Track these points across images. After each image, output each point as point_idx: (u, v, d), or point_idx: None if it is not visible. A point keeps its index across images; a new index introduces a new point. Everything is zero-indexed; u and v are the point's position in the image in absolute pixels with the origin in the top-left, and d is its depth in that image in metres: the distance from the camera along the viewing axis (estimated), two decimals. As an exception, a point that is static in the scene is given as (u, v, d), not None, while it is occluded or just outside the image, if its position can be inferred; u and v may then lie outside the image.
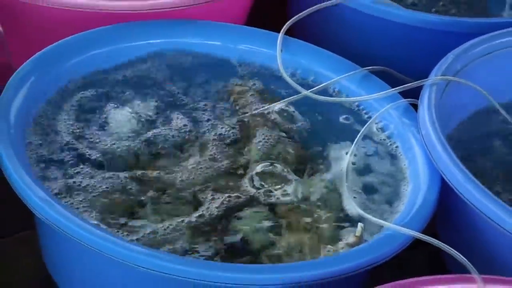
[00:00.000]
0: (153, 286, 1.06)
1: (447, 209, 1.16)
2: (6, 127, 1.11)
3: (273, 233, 1.12)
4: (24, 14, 1.29)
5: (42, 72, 1.22)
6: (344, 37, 1.40)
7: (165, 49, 1.33)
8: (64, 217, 1.02)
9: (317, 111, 1.29)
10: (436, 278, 1.00)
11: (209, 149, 1.22)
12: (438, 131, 1.15)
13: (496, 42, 1.32)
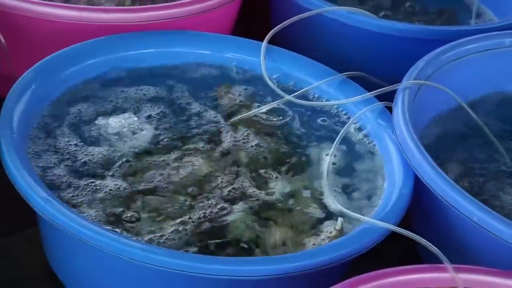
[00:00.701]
0: (148, 280, 1.05)
1: (420, 203, 1.16)
2: (9, 133, 1.11)
3: (259, 229, 1.12)
4: (25, 26, 1.29)
5: (42, 80, 1.21)
6: (323, 45, 1.40)
7: (156, 58, 1.32)
8: (63, 214, 1.02)
9: (299, 114, 1.29)
10: (410, 268, 1.00)
11: (199, 151, 1.22)
12: (411, 131, 1.16)
13: (464, 48, 1.33)
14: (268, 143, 1.25)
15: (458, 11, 1.64)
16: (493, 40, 1.35)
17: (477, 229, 1.06)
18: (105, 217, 1.10)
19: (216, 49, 1.34)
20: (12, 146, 1.09)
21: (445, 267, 1.00)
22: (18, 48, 1.26)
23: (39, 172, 1.12)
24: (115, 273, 1.07)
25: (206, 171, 1.19)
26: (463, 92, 1.29)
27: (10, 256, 1.20)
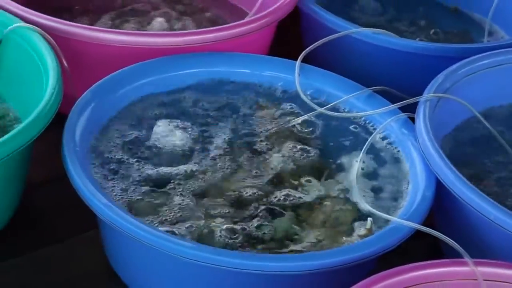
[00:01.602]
0: (196, 275, 1.05)
1: (441, 204, 1.16)
2: (72, 146, 1.11)
3: (298, 228, 1.12)
4: (85, 51, 1.30)
5: (100, 99, 1.22)
6: (350, 62, 1.40)
7: (202, 76, 1.32)
8: (121, 218, 1.02)
9: (331, 125, 1.29)
10: (433, 263, 0.99)
11: (242, 159, 1.22)
12: (432, 139, 1.15)
13: (478, 64, 1.32)
14: (303, 151, 1.25)
15: (472, 29, 1.63)
16: (504, 56, 1.35)
17: (494, 226, 1.06)
18: (158, 219, 1.11)
19: (255, 68, 1.34)
20: (76, 158, 1.09)
21: (466, 262, 0.99)
22: (78, 70, 1.26)
23: (100, 179, 1.13)
24: (167, 269, 1.07)
25: (248, 178, 1.20)
26: (478, 104, 1.29)
27: (75, 256, 1.20)
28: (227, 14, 1.60)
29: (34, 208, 1.25)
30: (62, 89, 1.18)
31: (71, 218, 1.21)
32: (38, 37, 1.25)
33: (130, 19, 1.54)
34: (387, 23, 1.61)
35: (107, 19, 1.54)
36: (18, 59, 1.27)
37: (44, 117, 1.12)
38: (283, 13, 1.40)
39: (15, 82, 1.29)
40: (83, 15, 1.54)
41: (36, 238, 1.21)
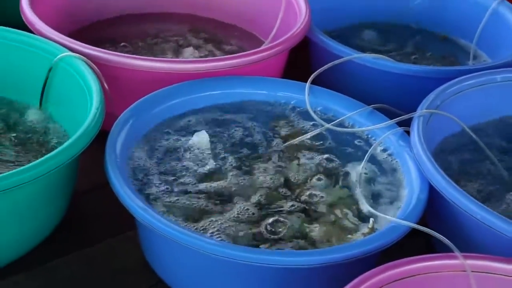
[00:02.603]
0: (222, 270, 1.06)
1: (434, 205, 1.15)
2: (114, 157, 1.12)
3: (310, 227, 1.13)
4: (123, 76, 1.31)
5: (137, 117, 1.22)
6: (353, 84, 1.40)
7: (225, 97, 1.33)
8: (155, 219, 1.03)
9: (337, 138, 1.29)
10: (426, 257, 0.99)
11: (264, 166, 1.23)
12: (425, 149, 1.15)
13: (464, 84, 1.32)
14: (314, 159, 1.25)
15: (459, 54, 1.63)
16: (487, 77, 1.34)
17: (480, 224, 1.06)
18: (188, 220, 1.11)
19: (271, 89, 1.34)
20: (116, 168, 1.10)
21: (455, 255, 0.99)
22: (117, 93, 1.27)
23: (138, 186, 1.14)
24: (195, 263, 1.07)
25: (269, 182, 1.20)
26: (465, 119, 1.28)
27: (116, 253, 1.21)
28: (246, 42, 1.60)
29: (81, 212, 1.26)
30: (104, 109, 1.18)
31: (113, 221, 1.21)
32: (83, 64, 1.26)
33: (162, 48, 1.55)
34: (386, 50, 1.61)
35: (142, 48, 1.55)
36: (66, 83, 1.28)
37: (89, 133, 1.13)
38: (295, 41, 1.40)
39: (63, 103, 1.30)
40: (120, 44, 1.55)
41: (83, 238, 1.22)
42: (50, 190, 1.14)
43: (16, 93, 1.35)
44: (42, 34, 1.33)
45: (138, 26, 1.63)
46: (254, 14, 1.62)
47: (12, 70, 1.33)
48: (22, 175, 1.04)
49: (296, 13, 1.49)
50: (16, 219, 1.11)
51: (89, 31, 1.58)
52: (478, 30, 1.60)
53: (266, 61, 1.36)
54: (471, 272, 0.98)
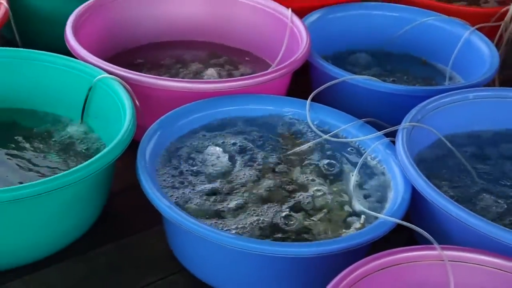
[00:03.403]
0: (237, 259, 1.06)
1: (416, 204, 1.15)
2: (144, 163, 1.13)
3: (309, 223, 1.13)
4: (152, 94, 1.31)
5: (164, 129, 1.23)
6: (347, 101, 1.40)
7: (238, 112, 1.32)
8: (179, 216, 1.04)
9: (333, 147, 1.29)
10: (409, 248, 1.00)
11: (270, 172, 1.23)
12: (408, 157, 1.16)
13: (441, 101, 1.31)
14: (313, 165, 1.25)
15: (436, 76, 1.63)
16: (461, 95, 1.34)
17: (455, 220, 1.06)
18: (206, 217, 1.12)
19: (277, 105, 1.34)
20: (146, 172, 1.11)
21: (434, 247, 0.99)
22: (146, 108, 1.27)
23: (164, 188, 1.14)
24: (212, 253, 1.08)
25: (274, 184, 1.20)
26: (442, 130, 1.29)
27: (146, 244, 1.21)
28: (256, 65, 1.60)
29: (115, 209, 1.26)
30: (135, 122, 1.19)
31: (143, 217, 1.21)
32: (118, 84, 1.26)
33: (184, 70, 1.56)
34: (374, 72, 1.60)
35: (167, 70, 1.55)
36: (103, 100, 1.28)
37: (123, 143, 1.14)
38: (297, 65, 1.40)
39: (101, 117, 1.30)
40: (149, 67, 1.55)
41: (118, 232, 1.22)
42: (91, 190, 1.15)
43: (61, 109, 1.35)
44: (83, 59, 1.34)
45: (164, 52, 1.63)
46: (263, 41, 1.62)
47: (58, 89, 1.34)
48: (69, 177, 1.06)
49: (298, 41, 1.49)
50: (64, 214, 1.12)
51: (122, 56, 1.58)
52: (453, 56, 1.59)
53: (273, 82, 1.36)
54: (448, 262, 0.99)
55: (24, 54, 1.34)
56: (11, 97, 1.35)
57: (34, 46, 1.38)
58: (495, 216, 1.18)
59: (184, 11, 1.66)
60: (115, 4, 1.58)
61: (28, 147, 1.28)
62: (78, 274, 1.14)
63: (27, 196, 1.02)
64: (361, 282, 0.94)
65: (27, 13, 1.60)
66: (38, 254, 1.14)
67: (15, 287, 1.11)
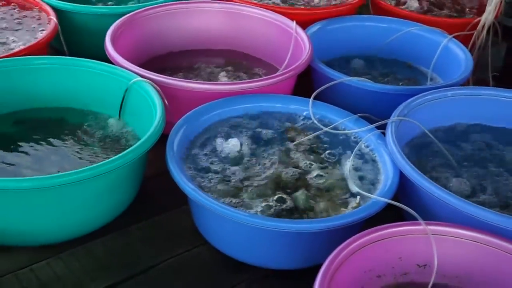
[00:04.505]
0: (252, 234, 1.05)
1: (403, 187, 1.14)
2: (172, 153, 1.12)
3: (312, 202, 1.12)
4: (178, 94, 1.30)
5: (188, 124, 1.22)
6: (344, 99, 1.38)
7: (251, 109, 1.31)
8: (201, 196, 1.03)
9: (332, 138, 1.27)
10: (397, 224, 0.99)
11: (278, 159, 1.22)
12: (397, 146, 1.15)
13: (424, 98, 1.30)
14: (315, 154, 1.24)
15: (420, 77, 1.62)
16: (441, 93, 1.33)
17: (437, 200, 1.05)
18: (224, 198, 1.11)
19: (284, 103, 1.33)
20: (174, 160, 1.10)
21: (419, 223, 0.99)
22: (174, 106, 1.26)
23: (189, 173, 1.13)
24: (231, 229, 1.07)
25: (281, 169, 1.19)
26: (425, 123, 1.27)
27: (175, 221, 1.21)
28: (265, 69, 1.59)
29: (148, 192, 1.25)
30: (164, 119, 1.19)
31: (171, 198, 1.20)
32: (150, 86, 1.26)
33: (204, 74, 1.55)
34: (367, 74, 1.59)
35: (191, 73, 1.54)
36: (137, 100, 1.28)
37: (154, 136, 1.13)
38: (302, 68, 1.39)
39: (135, 114, 1.30)
40: (175, 71, 1.54)
41: (150, 211, 1.22)
42: (128, 175, 1.15)
43: (102, 107, 1.35)
44: (120, 65, 1.33)
45: (187, 58, 1.62)
46: (272, 49, 1.61)
47: (99, 90, 1.33)
48: (110, 164, 1.06)
49: (302, 48, 1.48)
50: (107, 195, 1.12)
51: (153, 62, 1.58)
52: (434, 60, 1.58)
53: (280, 83, 1.35)
54: (431, 235, 0.98)
55: (70, 61, 1.34)
56: (59, 97, 1.35)
57: (79, 55, 1.38)
58: (466, 195, 1.17)
59: (204, 23, 1.65)
60: (146, 19, 1.57)
61: (76, 140, 1.27)
62: (118, 246, 1.14)
63: (76, 181, 1.02)
64: (357, 254, 0.94)
65: (73, 27, 1.60)
66: (86, 229, 1.14)
67: (65, 258, 1.11)
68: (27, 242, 1.11)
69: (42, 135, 1.27)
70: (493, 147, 1.32)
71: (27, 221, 1.07)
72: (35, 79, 1.32)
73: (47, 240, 1.11)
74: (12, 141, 1.25)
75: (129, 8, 1.59)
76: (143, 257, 1.12)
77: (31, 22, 1.57)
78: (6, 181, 1.01)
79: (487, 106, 1.36)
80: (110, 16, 1.55)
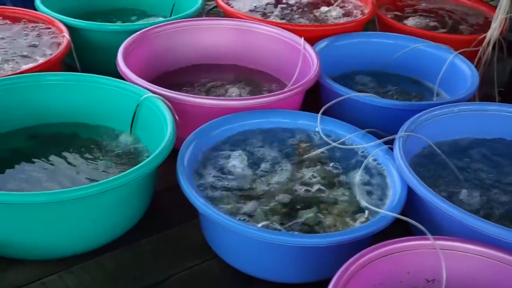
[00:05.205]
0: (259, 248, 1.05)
1: (411, 201, 1.13)
2: (182, 167, 1.12)
3: (321, 217, 1.11)
4: (188, 110, 1.30)
5: (199, 139, 1.22)
6: (351, 114, 1.38)
7: (260, 124, 1.31)
8: (212, 211, 1.03)
9: (341, 153, 1.27)
10: (405, 239, 0.99)
11: (286, 174, 1.21)
12: (404, 161, 1.14)
13: (430, 114, 1.30)
14: (324, 168, 1.23)
15: (426, 93, 1.61)
16: (447, 109, 1.32)
17: (444, 214, 1.05)
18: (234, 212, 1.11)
19: (293, 118, 1.32)
20: (184, 175, 1.10)
21: (427, 237, 0.98)
22: (184, 121, 1.26)
23: (199, 188, 1.13)
24: (240, 243, 1.07)
25: (290, 184, 1.19)
26: (432, 138, 1.27)
27: (185, 234, 1.21)
28: (274, 85, 1.59)
29: (159, 206, 1.25)
30: (175, 134, 1.19)
31: (181, 212, 1.20)
32: (160, 102, 1.26)
33: (214, 90, 1.55)
34: (374, 90, 1.58)
35: (201, 89, 1.55)
36: (149, 115, 1.28)
37: (165, 151, 1.13)
38: (310, 84, 1.39)
39: (147, 129, 1.30)
40: (185, 87, 1.54)
41: (160, 225, 1.22)
42: (139, 189, 1.15)
43: (113, 122, 1.35)
44: (132, 81, 1.34)
45: (198, 74, 1.63)
46: (281, 65, 1.61)
47: (111, 106, 1.34)
48: (121, 179, 1.06)
49: (310, 64, 1.48)
50: (117, 209, 1.12)
51: (163, 78, 1.58)
52: (440, 76, 1.57)
53: (289, 99, 1.35)
54: (440, 250, 0.97)
55: (83, 77, 1.35)
56: (72, 113, 1.35)
57: (91, 71, 1.39)
58: (474, 208, 1.17)
59: (214, 39, 1.65)
60: (156, 36, 1.58)
61: (87, 154, 1.28)
62: (128, 260, 1.14)
63: (88, 195, 1.02)
64: (366, 268, 0.93)
65: (86, 44, 1.61)
66: (97, 242, 1.14)
67: (77, 272, 1.11)
68: (38, 255, 1.11)
69: (55, 149, 1.28)
70: (499, 162, 1.31)
71: (38, 235, 1.07)
72: (49, 95, 1.33)
73: (59, 253, 1.11)
74: (26, 155, 1.26)
75: (140, 25, 1.60)
76: (153, 271, 1.12)
77: (44, 39, 1.58)
78: (17, 196, 1.02)
79: (493, 122, 1.35)
80: (121, 33, 1.55)
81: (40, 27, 1.63)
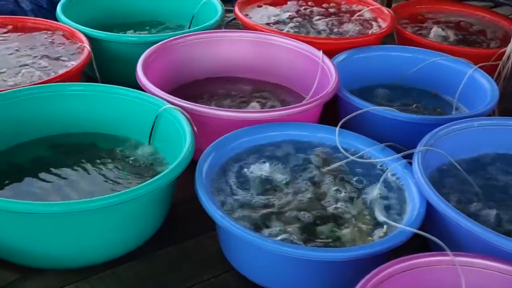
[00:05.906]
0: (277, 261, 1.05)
1: (430, 216, 1.13)
2: (201, 179, 1.12)
3: (339, 231, 1.11)
4: (207, 121, 1.30)
5: (217, 151, 1.22)
6: (370, 128, 1.37)
7: (279, 137, 1.30)
8: (231, 224, 1.03)
9: (359, 167, 1.26)
10: (424, 254, 0.98)
11: (304, 187, 1.21)
12: (423, 175, 1.14)
13: (450, 128, 1.29)
14: (342, 183, 1.23)
15: (445, 107, 1.60)
16: (467, 123, 1.32)
17: (464, 230, 1.04)
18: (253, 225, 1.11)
19: (311, 131, 1.32)
20: (203, 187, 1.11)
21: (447, 253, 0.97)
22: (203, 133, 1.26)
23: (217, 200, 1.13)
24: (257, 255, 1.07)
25: (308, 197, 1.18)
26: (451, 153, 1.26)
27: (202, 246, 1.20)
28: (292, 98, 1.59)
29: (176, 217, 1.25)
30: (194, 145, 1.19)
31: (199, 224, 1.20)
32: (179, 113, 1.27)
33: (232, 102, 1.55)
34: (392, 103, 1.58)
35: (219, 101, 1.55)
36: (167, 127, 1.28)
37: (184, 162, 1.14)
38: (328, 97, 1.39)
39: (165, 140, 1.30)
40: (204, 99, 1.55)
41: (178, 236, 1.22)
42: (158, 200, 1.15)
43: (132, 133, 1.36)
44: (151, 92, 1.34)
45: (216, 86, 1.63)
46: (299, 77, 1.61)
47: (130, 117, 1.34)
48: (140, 190, 1.06)
49: (328, 77, 1.48)
50: (137, 220, 1.13)
51: (182, 89, 1.58)
52: (459, 89, 1.56)
53: (307, 111, 1.35)
54: (459, 266, 0.96)
55: (103, 88, 1.36)
56: (92, 123, 1.36)
57: (111, 81, 1.40)
58: (494, 224, 1.15)
59: (232, 52, 1.66)
60: (175, 48, 1.58)
61: (106, 164, 1.28)
62: (145, 271, 1.14)
63: (107, 206, 1.03)
64: (385, 283, 0.92)
65: (106, 55, 1.62)
66: (114, 253, 1.14)
67: (94, 282, 1.11)
68: (57, 265, 1.11)
69: (74, 159, 1.29)
70: (520, 177, 1.30)
71: (57, 244, 1.08)
72: (70, 105, 1.34)
73: (77, 263, 1.12)
74: (47, 164, 1.27)
75: (160, 37, 1.61)
76: (170, 283, 1.12)
77: (65, 50, 1.60)
78: (36, 205, 1.03)
79: (514, 137, 1.35)
80: (141, 44, 1.56)
81: (61, 38, 1.65)
